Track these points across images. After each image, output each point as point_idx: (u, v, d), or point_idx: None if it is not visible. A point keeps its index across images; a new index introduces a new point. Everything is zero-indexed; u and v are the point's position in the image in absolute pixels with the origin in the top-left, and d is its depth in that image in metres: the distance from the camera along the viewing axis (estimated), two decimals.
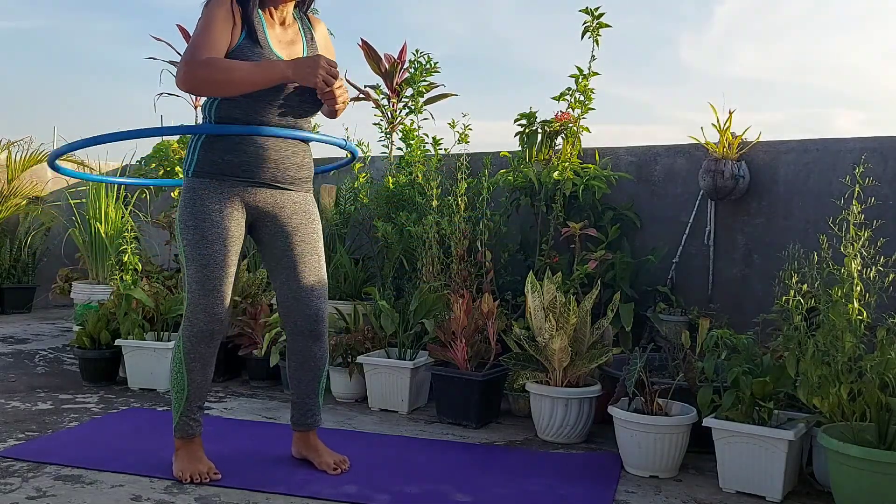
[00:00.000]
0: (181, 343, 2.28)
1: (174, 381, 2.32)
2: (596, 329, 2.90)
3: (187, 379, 2.29)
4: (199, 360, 2.29)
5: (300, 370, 2.43)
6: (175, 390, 2.32)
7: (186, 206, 2.23)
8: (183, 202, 2.25)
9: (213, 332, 2.27)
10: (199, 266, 2.22)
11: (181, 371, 2.29)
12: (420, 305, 3.35)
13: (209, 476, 2.30)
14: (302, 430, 2.49)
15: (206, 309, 2.24)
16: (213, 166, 2.22)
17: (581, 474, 2.47)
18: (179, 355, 2.29)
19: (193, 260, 2.22)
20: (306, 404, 2.46)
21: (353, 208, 4.23)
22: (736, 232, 3.58)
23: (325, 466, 2.42)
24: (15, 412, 3.05)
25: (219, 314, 2.26)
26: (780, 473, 2.25)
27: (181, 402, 2.31)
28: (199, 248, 2.21)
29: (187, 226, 2.22)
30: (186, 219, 2.22)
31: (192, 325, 2.25)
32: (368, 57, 4.31)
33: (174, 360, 2.31)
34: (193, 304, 2.24)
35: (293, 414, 2.49)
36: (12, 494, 2.15)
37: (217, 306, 2.25)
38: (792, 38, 14.96)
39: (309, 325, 2.36)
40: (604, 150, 3.90)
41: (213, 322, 2.25)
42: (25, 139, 6.19)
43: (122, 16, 18.35)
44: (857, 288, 2.22)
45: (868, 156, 3.16)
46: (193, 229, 2.21)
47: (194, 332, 2.26)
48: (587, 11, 3.63)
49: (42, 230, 6.18)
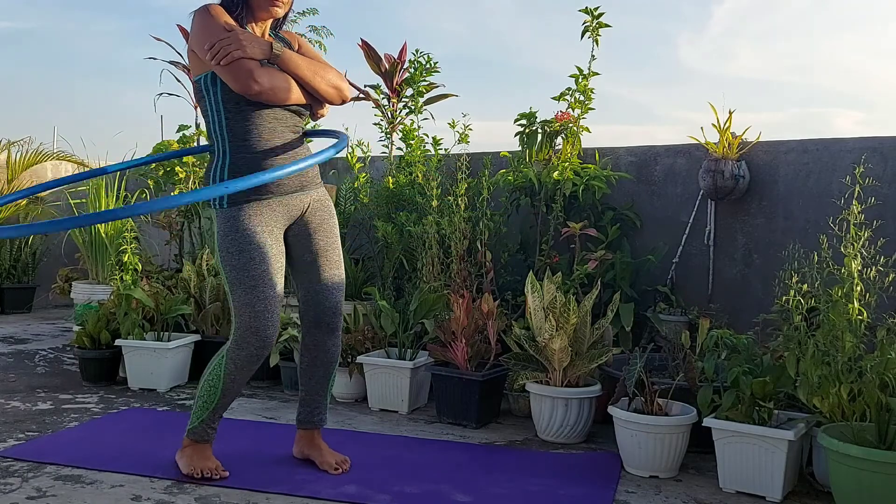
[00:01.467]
0: (224, 362, 2.24)
1: (205, 390, 2.28)
2: (596, 329, 2.90)
3: (221, 394, 2.27)
4: (239, 382, 2.28)
5: (313, 366, 2.45)
6: (203, 399, 2.29)
7: (227, 234, 2.20)
8: (222, 232, 2.22)
9: (262, 356, 2.25)
10: (246, 289, 2.19)
11: (216, 386, 2.26)
12: (420, 305, 3.35)
13: (218, 473, 2.30)
14: (308, 428, 2.50)
15: (258, 332, 2.21)
16: (246, 192, 2.20)
17: (581, 474, 2.47)
18: (220, 372, 2.25)
19: (241, 282, 2.19)
20: (315, 401, 2.48)
21: (353, 208, 4.23)
22: (736, 232, 3.58)
23: (327, 466, 2.43)
24: (15, 412, 3.05)
25: (270, 337, 2.23)
26: (780, 473, 2.25)
27: (206, 410, 2.29)
28: (245, 271, 2.19)
29: (230, 251, 2.20)
30: (229, 245, 2.20)
31: (242, 348, 2.22)
32: (368, 57, 4.31)
33: (211, 375, 2.27)
34: (244, 328, 2.20)
35: (300, 411, 2.50)
36: (12, 494, 2.15)
37: (269, 329, 2.22)
38: (792, 38, 14.96)
39: (327, 318, 2.40)
40: (604, 150, 3.90)
41: (264, 347, 2.23)
42: (25, 139, 6.20)
43: (122, 16, 18.36)
44: (857, 288, 2.22)
45: (868, 156, 3.16)
46: (238, 253, 2.19)
47: (242, 355, 2.23)
48: (587, 11, 3.63)
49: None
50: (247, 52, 2.12)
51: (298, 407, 2.50)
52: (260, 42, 2.17)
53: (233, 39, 2.11)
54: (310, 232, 2.36)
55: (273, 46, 2.19)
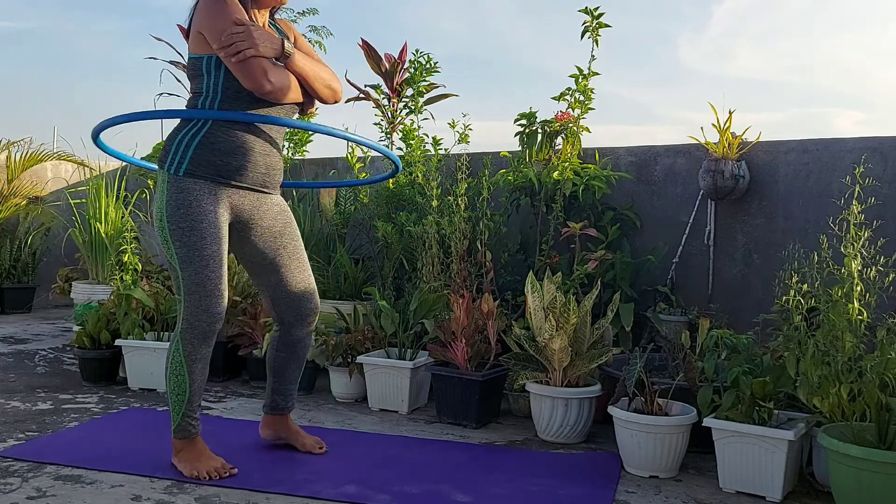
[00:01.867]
0: (181, 346, 2.26)
1: (173, 384, 2.29)
2: (596, 329, 2.90)
3: (189, 380, 2.28)
4: (201, 361, 2.29)
5: (290, 360, 2.56)
6: (175, 393, 2.30)
7: (179, 206, 2.19)
8: (173, 202, 2.20)
9: (215, 331, 2.29)
10: (199, 267, 2.21)
11: (182, 373, 2.27)
12: (420, 305, 3.35)
13: (226, 471, 2.31)
14: (280, 413, 2.59)
15: (209, 309, 2.24)
16: (208, 167, 2.21)
17: (581, 474, 2.47)
18: (179, 358, 2.27)
19: (192, 261, 2.20)
20: (288, 390, 2.59)
21: (353, 208, 4.23)
22: (736, 232, 3.58)
23: (311, 447, 2.57)
24: (15, 412, 3.05)
25: (220, 312, 2.27)
26: (780, 473, 2.25)
27: (182, 403, 2.30)
28: (199, 248, 2.19)
29: (182, 227, 2.19)
30: (180, 220, 2.19)
31: (194, 326, 2.24)
32: (368, 57, 4.31)
33: (172, 364, 2.28)
34: (194, 305, 2.23)
35: (273, 399, 2.58)
36: (12, 494, 2.15)
37: (219, 305, 2.26)
38: (792, 38, 14.96)
39: (310, 317, 2.53)
40: (604, 150, 3.90)
41: (216, 321, 2.27)
42: (25, 139, 6.20)
43: (122, 16, 18.34)
44: (857, 288, 2.22)
45: (868, 156, 3.16)
46: (190, 231, 2.19)
47: (196, 333, 2.25)
48: (587, 11, 3.64)
49: (42, 230, 6.18)
50: (260, 50, 2.14)
51: (270, 395, 2.59)
52: (273, 40, 2.18)
53: (247, 36, 2.12)
54: (275, 235, 2.41)
55: (284, 46, 2.21)
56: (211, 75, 2.22)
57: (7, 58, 15.00)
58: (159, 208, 2.22)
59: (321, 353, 3.40)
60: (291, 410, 2.64)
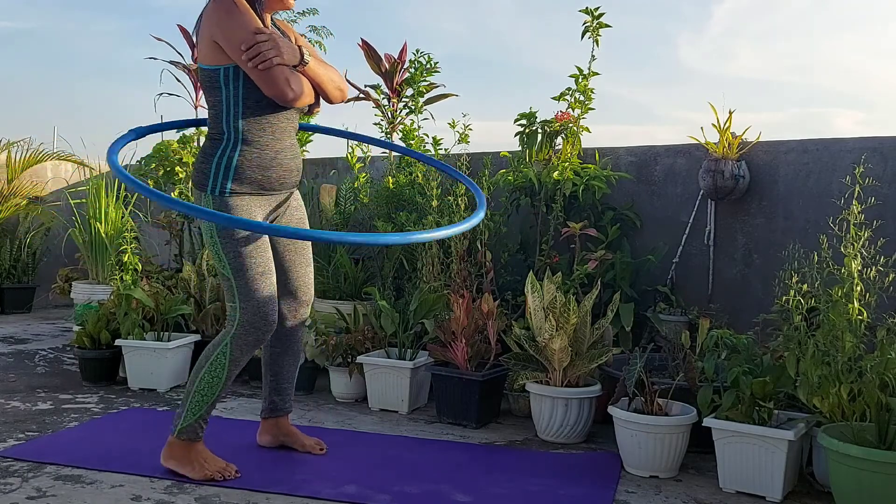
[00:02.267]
0: (229, 349, 2.26)
1: (205, 383, 2.27)
2: (596, 329, 2.90)
3: (223, 384, 2.28)
4: (239, 368, 2.32)
5: (284, 355, 2.56)
6: (200, 394, 2.28)
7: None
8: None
9: (266, 339, 2.32)
10: (255, 275, 2.25)
11: (220, 375, 2.27)
12: (420, 305, 3.35)
13: (233, 473, 2.31)
14: (278, 415, 2.59)
15: (266, 316, 2.27)
16: (252, 184, 2.26)
17: (581, 474, 2.47)
18: (224, 360, 2.26)
19: (247, 269, 2.24)
20: (286, 390, 2.58)
21: (353, 208, 4.23)
22: (736, 232, 3.58)
23: (311, 448, 2.57)
24: (15, 412, 3.05)
25: (275, 322, 2.32)
26: (780, 473, 2.25)
27: (204, 405, 2.28)
28: (251, 258, 2.24)
29: (234, 240, 2.22)
30: (232, 233, 2.22)
31: (249, 333, 2.26)
32: (368, 57, 4.31)
33: (213, 364, 2.27)
34: (252, 313, 2.25)
35: (272, 401, 2.58)
36: (12, 494, 2.15)
37: (274, 313, 2.30)
38: (792, 38, 14.95)
39: (303, 311, 2.54)
40: (604, 150, 3.90)
41: (270, 330, 2.31)
42: (25, 139, 6.19)
43: (122, 16, 18.32)
44: (857, 288, 2.22)
45: (868, 156, 3.16)
46: (243, 241, 2.23)
47: (250, 340, 2.27)
48: (587, 11, 3.63)
49: (42, 230, 6.18)
50: (284, 58, 2.16)
51: (268, 397, 2.58)
52: (293, 48, 2.21)
53: (272, 45, 2.13)
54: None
55: (303, 53, 2.23)
56: (230, 87, 2.21)
57: (7, 58, 15.00)
58: (209, 228, 2.26)
59: (321, 353, 3.40)
60: (290, 412, 2.63)
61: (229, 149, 2.24)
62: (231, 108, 2.23)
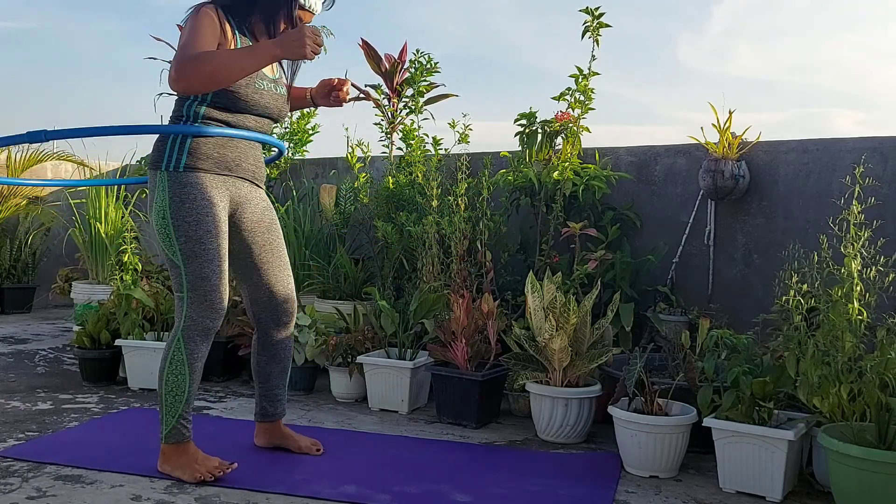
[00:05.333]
0: (182, 344, 2.24)
1: (170, 385, 2.25)
2: (596, 329, 2.90)
3: (189, 380, 2.26)
4: (201, 360, 2.29)
5: (272, 362, 2.54)
6: (171, 395, 2.25)
7: (184, 201, 2.20)
8: (177, 198, 2.20)
9: (216, 327, 2.29)
10: (203, 261, 2.21)
11: (182, 373, 2.24)
12: (420, 305, 3.35)
13: (225, 468, 2.30)
14: (271, 420, 2.58)
15: (213, 304, 2.24)
16: (207, 160, 2.24)
17: (581, 474, 2.47)
18: (181, 356, 2.24)
19: (196, 255, 2.20)
20: (276, 396, 2.57)
21: (353, 208, 4.23)
22: (736, 232, 3.58)
23: (307, 449, 2.55)
24: (15, 412, 3.05)
25: (223, 308, 2.28)
26: (780, 473, 2.25)
27: (178, 405, 2.26)
28: (203, 242, 2.20)
29: (187, 221, 2.19)
30: (186, 214, 2.19)
31: (196, 323, 2.23)
32: (368, 57, 4.30)
33: (172, 364, 2.25)
34: (198, 302, 2.22)
35: (263, 406, 2.57)
36: (12, 494, 2.15)
37: (222, 301, 2.27)
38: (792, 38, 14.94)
39: (286, 317, 2.51)
40: (604, 150, 3.90)
41: (218, 317, 2.27)
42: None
43: (122, 16, 18.32)
44: (857, 288, 2.22)
45: (868, 156, 3.16)
46: (196, 225, 2.19)
47: (199, 330, 2.24)
48: (587, 11, 3.63)
49: (42, 230, 6.18)
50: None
51: (259, 402, 2.58)
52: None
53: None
54: (264, 229, 2.44)
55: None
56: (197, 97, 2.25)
57: (7, 58, 14.99)
58: (160, 207, 2.21)
59: (321, 353, 3.40)
60: (282, 416, 2.60)
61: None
62: (198, 100, 2.25)
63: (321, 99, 2.55)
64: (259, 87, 2.28)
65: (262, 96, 2.30)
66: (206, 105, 2.25)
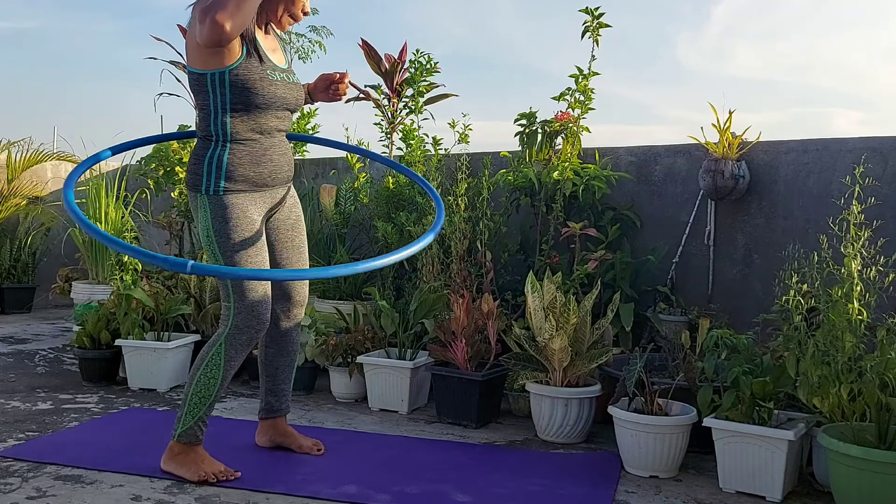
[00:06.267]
0: (223, 349, 2.27)
1: (200, 385, 2.28)
2: (596, 329, 2.90)
3: (219, 384, 2.28)
4: (235, 367, 2.33)
5: (280, 355, 2.55)
6: (198, 395, 2.28)
7: (226, 220, 2.24)
8: (219, 218, 2.24)
9: (259, 338, 2.34)
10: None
11: (216, 376, 2.27)
12: (420, 305, 3.35)
13: (231, 475, 2.30)
14: (275, 416, 2.59)
15: (259, 315, 2.29)
16: (244, 181, 2.27)
17: (581, 474, 2.47)
18: (219, 360, 2.27)
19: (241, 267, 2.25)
20: (282, 390, 2.58)
21: (353, 208, 4.23)
22: (736, 232, 3.58)
23: (308, 449, 2.56)
24: (15, 412, 3.05)
25: (268, 320, 2.33)
26: (780, 473, 2.25)
27: (202, 407, 2.29)
28: (248, 256, 2.25)
29: (231, 237, 2.24)
30: (229, 232, 2.24)
31: (242, 332, 2.27)
32: (368, 57, 4.30)
33: (209, 366, 2.27)
34: (245, 313, 2.26)
35: (268, 402, 2.58)
36: (12, 494, 2.15)
37: (267, 312, 2.31)
38: (792, 38, 14.94)
39: (296, 310, 2.54)
40: (604, 150, 3.90)
41: (263, 328, 2.32)
42: (25, 139, 6.19)
43: (122, 16, 18.34)
44: (857, 288, 2.22)
45: (868, 156, 3.16)
46: (240, 241, 2.24)
47: (244, 339, 2.28)
48: (587, 11, 3.63)
49: (42, 230, 6.18)
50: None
51: (264, 398, 2.59)
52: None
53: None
54: (289, 227, 2.48)
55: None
56: (216, 91, 2.22)
57: (7, 58, 14.99)
58: (205, 226, 2.26)
59: (321, 353, 3.40)
60: (287, 413, 2.63)
61: (219, 148, 2.26)
62: (219, 111, 2.24)
63: (320, 94, 2.55)
64: (273, 77, 2.27)
65: (276, 87, 2.28)
66: (229, 114, 2.24)
